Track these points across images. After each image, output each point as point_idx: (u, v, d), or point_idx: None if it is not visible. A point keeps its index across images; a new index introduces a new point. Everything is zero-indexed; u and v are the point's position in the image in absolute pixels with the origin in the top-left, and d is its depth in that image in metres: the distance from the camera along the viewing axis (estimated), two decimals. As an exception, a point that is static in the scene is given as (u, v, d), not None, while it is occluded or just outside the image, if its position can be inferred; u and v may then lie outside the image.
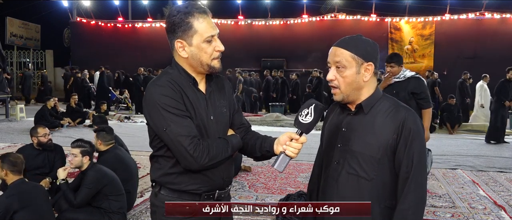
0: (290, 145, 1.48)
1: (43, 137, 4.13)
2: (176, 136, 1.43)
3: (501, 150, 7.50)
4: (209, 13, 1.52)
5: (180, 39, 1.50)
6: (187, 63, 1.54)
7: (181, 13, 1.48)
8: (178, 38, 1.50)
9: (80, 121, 10.08)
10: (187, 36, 1.49)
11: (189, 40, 1.49)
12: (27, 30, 20.09)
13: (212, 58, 1.52)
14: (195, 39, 1.49)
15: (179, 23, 1.48)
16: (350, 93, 1.52)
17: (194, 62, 1.52)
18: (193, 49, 1.50)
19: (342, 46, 1.51)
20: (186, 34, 1.49)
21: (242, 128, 1.69)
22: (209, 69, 1.53)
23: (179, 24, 1.48)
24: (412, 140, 1.46)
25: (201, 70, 1.54)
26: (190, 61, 1.52)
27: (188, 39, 1.49)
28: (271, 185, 4.89)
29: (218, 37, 1.54)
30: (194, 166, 1.46)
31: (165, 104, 1.45)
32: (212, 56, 1.51)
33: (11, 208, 2.77)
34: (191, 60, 1.52)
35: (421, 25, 14.75)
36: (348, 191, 1.53)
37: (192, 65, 1.53)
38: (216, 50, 1.52)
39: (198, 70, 1.54)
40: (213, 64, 1.53)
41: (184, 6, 1.51)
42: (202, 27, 1.48)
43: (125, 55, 16.53)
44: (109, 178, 3.31)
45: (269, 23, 15.95)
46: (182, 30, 1.49)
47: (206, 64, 1.51)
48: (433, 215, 3.96)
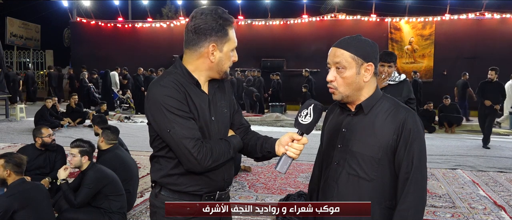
0: (291, 146, 1.48)
1: (47, 138, 4.15)
2: (180, 138, 1.43)
3: (501, 150, 7.51)
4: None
5: (214, 43, 1.51)
6: (207, 67, 1.54)
7: (222, 19, 1.50)
8: (212, 42, 1.50)
9: (80, 121, 10.09)
10: (221, 42, 1.52)
11: (221, 46, 1.52)
12: (27, 30, 20.12)
13: (229, 66, 1.58)
14: (226, 47, 1.53)
15: (217, 28, 1.49)
16: (349, 94, 1.52)
17: (217, 68, 1.55)
18: (222, 55, 1.53)
19: (341, 47, 1.51)
20: (220, 39, 1.51)
21: (241, 128, 1.69)
22: (224, 75, 1.58)
23: (217, 29, 1.49)
24: (412, 140, 1.46)
25: (216, 75, 1.57)
26: (213, 66, 1.54)
27: (221, 45, 1.52)
28: (271, 185, 4.90)
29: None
30: (198, 169, 1.46)
31: (169, 105, 1.44)
32: (230, 65, 1.58)
33: (11, 208, 2.77)
34: (215, 65, 1.54)
35: (421, 25, 14.73)
36: (348, 191, 1.53)
37: (212, 69, 1.55)
38: (233, 60, 1.58)
39: (213, 75, 1.57)
40: (228, 72, 1.60)
41: (221, 11, 1.51)
42: (233, 37, 1.54)
43: (125, 55, 16.51)
44: (109, 178, 3.31)
45: (269, 23, 15.93)
46: (219, 35, 1.50)
47: (224, 70, 1.57)
48: (433, 215, 3.96)
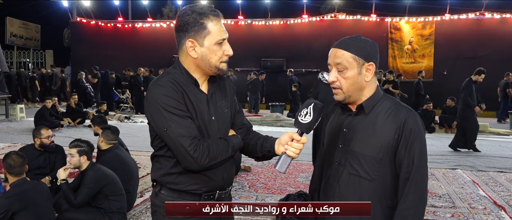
0: (291, 145, 1.48)
1: (46, 139, 4.15)
2: (177, 137, 1.43)
3: (501, 150, 7.50)
4: (222, 16, 1.54)
5: (192, 38, 1.50)
6: (194, 64, 1.54)
7: (196, 13, 1.49)
8: (190, 38, 1.50)
9: (80, 121, 10.10)
10: (200, 37, 1.49)
11: (200, 40, 1.50)
12: (27, 30, 20.11)
13: (220, 61, 1.53)
14: (207, 41, 1.49)
15: (192, 23, 1.48)
16: (352, 94, 1.52)
17: (203, 63, 1.52)
18: (204, 50, 1.50)
19: (342, 47, 1.50)
20: (198, 34, 1.49)
21: (243, 128, 1.69)
22: (217, 71, 1.53)
23: (193, 23, 1.48)
24: (413, 140, 1.46)
25: (208, 71, 1.54)
26: (198, 62, 1.52)
27: (200, 39, 1.50)
28: (271, 185, 4.89)
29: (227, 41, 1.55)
30: (194, 167, 1.46)
31: (166, 104, 1.45)
32: (221, 59, 1.52)
33: (11, 209, 2.78)
34: (199, 61, 1.52)
35: (421, 25, 14.71)
36: (349, 191, 1.53)
37: (199, 66, 1.53)
38: (225, 54, 1.53)
39: (205, 71, 1.55)
40: (221, 67, 1.53)
41: (198, 6, 1.51)
42: (215, 29, 1.49)
43: (125, 55, 16.50)
44: (109, 178, 3.31)
45: (269, 23, 15.91)
46: (195, 30, 1.49)
47: (214, 66, 1.52)
48: (433, 215, 3.96)
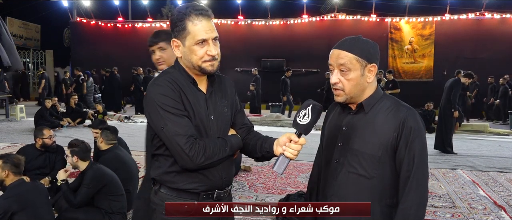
0: (289, 146, 1.48)
1: (48, 139, 4.16)
2: (173, 135, 1.45)
3: (501, 150, 7.51)
4: (209, 15, 1.52)
5: (176, 38, 1.54)
6: (183, 63, 1.58)
7: (180, 13, 1.52)
8: (174, 38, 1.55)
9: (80, 121, 10.09)
10: (181, 37, 1.52)
11: (182, 40, 1.53)
12: (27, 30, 20.11)
13: (202, 60, 1.52)
14: (188, 41, 1.51)
15: (175, 23, 1.53)
16: (354, 95, 1.53)
17: (187, 62, 1.55)
18: (185, 50, 1.53)
19: (345, 49, 1.50)
20: (180, 34, 1.52)
21: (244, 128, 1.69)
22: (200, 70, 1.54)
23: (176, 24, 1.52)
24: (413, 139, 1.46)
25: (193, 70, 1.56)
26: (183, 61, 1.56)
27: (182, 39, 1.53)
28: (271, 185, 4.89)
29: (217, 41, 1.54)
30: (190, 165, 1.47)
31: (163, 103, 1.47)
32: (203, 58, 1.51)
33: (10, 209, 2.75)
34: (184, 60, 1.56)
35: (421, 25, 14.71)
36: (348, 189, 1.53)
37: (186, 65, 1.57)
38: (207, 54, 1.52)
39: (192, 71, 1.57)
40: (204, 66, 1.52)
41: (184, 6, 1.54)
42: (195, 29, 1.50)
43: (125, 55, 16.50)
44: (109, 178, 3.31)
45: (269, 23, 15.90)
46: (177, 30, 1.52)
47: (197, 65, 1.53)
48: (433, 215, 3.96)
